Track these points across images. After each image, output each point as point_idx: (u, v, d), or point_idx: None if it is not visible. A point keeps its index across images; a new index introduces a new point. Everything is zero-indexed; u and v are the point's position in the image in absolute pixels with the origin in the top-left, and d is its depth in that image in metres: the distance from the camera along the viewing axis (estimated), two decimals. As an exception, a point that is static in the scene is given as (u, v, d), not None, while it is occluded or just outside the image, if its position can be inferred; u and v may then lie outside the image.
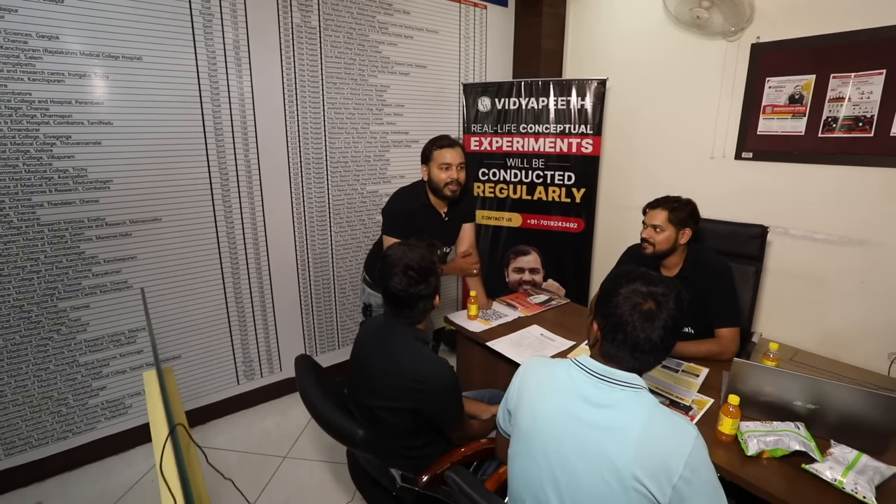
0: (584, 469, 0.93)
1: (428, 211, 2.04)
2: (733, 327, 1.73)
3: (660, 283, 0.98)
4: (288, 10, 2.34)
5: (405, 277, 1.28)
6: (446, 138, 2.02)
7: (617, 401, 0.96)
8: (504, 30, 3.26)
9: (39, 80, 1.79)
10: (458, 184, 1.99)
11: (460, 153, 2.00)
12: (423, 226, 1.98)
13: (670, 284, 0.98)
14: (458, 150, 2.00)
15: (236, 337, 2.51)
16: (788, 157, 2.36)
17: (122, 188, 2.03)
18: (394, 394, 1.28)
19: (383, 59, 2.72)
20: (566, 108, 2.82)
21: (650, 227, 1.80)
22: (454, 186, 1.98)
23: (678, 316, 0.96)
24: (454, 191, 1.99)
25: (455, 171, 1.97)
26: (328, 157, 2.64)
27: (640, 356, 0.97)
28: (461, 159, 1.99)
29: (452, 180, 1.97)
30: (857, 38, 2.08)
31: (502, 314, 2.16)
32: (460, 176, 1.99)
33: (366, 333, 1.44)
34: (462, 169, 2.00)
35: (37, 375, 2.00)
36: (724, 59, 2.52)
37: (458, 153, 1.99)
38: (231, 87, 2.24)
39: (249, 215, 2.42)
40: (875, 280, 2.18)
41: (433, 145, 2.01)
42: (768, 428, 1.24)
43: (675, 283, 1.00)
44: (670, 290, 0.96)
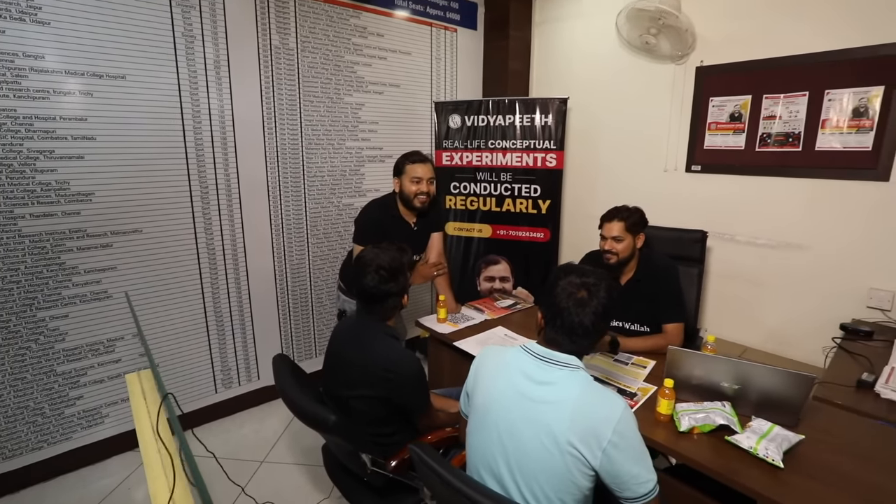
0: (528, 437, 1.06)
1: (398, 221, 2.18)
2: (678, 322, 1.90)
3: (591, 275, 1.13)
4: (267, 33, 2.48)
5: (377, 276, 1.41)
6: (418, 154, 2.18)
7: (556, 378, 1.09)
8: (474, 51, 3.46)
9: (25, 97, 1.87)
10: (427, 196, 2.14)
11: (430, 168, 2.16)
12: (392, 235, 2.09)
13: (600, 276, 1.13)
14: (429, 165, 2.16)
15: (214, 346, 2.57)
16: (732, 170, 2.57)
17: (104, 200, 2.11)
18: (365, 383, 1.39)
19: (358, 79, 2.87)
20: (531, 124, 3.01)
21: (610, 239, 1.94)
22: (423, 198, 2.14)
23: (608, 303, 1.10)
24: (423, 202, 2.14)
25: (425, 184, 2.13)
26: (305, 171, 2.76)
27: (576, 339, 1.11)
28: (431, 174, 2.16)
29: (422, 192, 2.13)
30: (783, 64, 2.32)
31: (470, 317, 2.29)
32: (430, 189, 2.15)
33: (340, 330, 1.55)
34: (431, 183, 2.16)
35: (13, 385, 2.03)
36: (673, 81, 2.75)
37: (429, 168, 2.15)
38: (211, 104, 2.35)
39: (228, 227, 2.51)
40: (810, 281, 2.38)
41: (406, 160, 2.16)
42: (699, 407, 1.39)
43: (605, 275, 1.15)
44: (600, 281, 1.11)
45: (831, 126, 2.22)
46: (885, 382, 1.57)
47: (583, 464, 1.01)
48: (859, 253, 2.23)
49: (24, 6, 1.83)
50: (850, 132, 2.17)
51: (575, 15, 3.18)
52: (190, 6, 2.22)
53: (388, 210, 2.18)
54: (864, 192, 2.18)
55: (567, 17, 3.23)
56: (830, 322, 2.28)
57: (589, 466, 1.01)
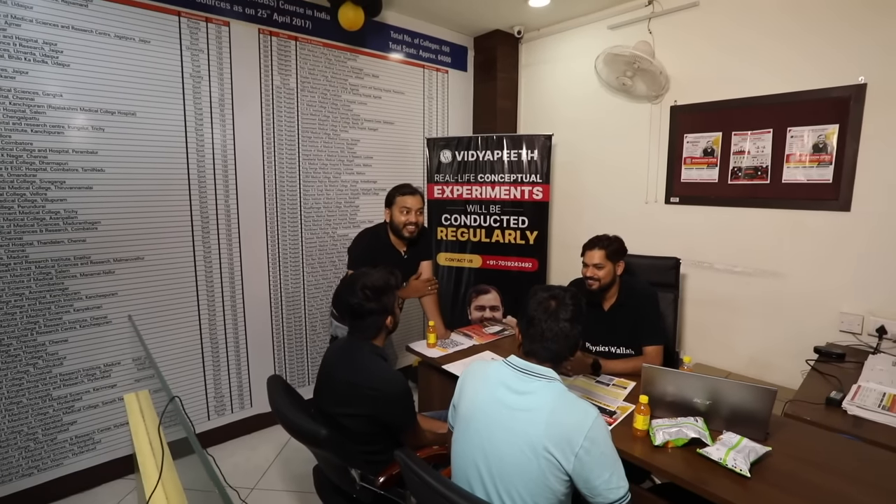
0: (506, 443, 1.13)
1: (388, 249, 2.29)
2: (658, 345, 1.98)
3: (558, 289, 1.25)
4: (269, 74, 2.66)
5: (361, 293, 1.50)
6: (408, 186, 2.31)
7: (533, 389, 1.17)
8: (464, 91, 3.67)
9: (41, 131, 2.01)
10: (415, 225, 2.26)
11: (419, 200, 2.29)
12: (383, 262, 2.19)
13: (566, 289, 1.26)
14: (418, 197, 2.29)
15: (209, 373, 2.61)
16: (707, 201, 2.72)
17: (109, 229, 2.21)
18: (353, 401, 1.45)
19: (354, 117, 3.04)
20: (518, 159, 3.17)
21: (591, 266, 2.05)
22: (412, 228, 2.26)
23: (575, 310, 1.21)
24: (412, 231, 2.26)
25: (414, 214, 2.25)
26: (302, 203, 2.88)
27: (550, 345, 1.20)
28: (420, 205, 2.28)
29: (411, 222, 2.25)
30: (748, 104, 2.51)
31: (459, 343, 2.36)
32: (418, 219, 2.27)
33: (331, 350, 1.63)
34: (420, 213, 2.29)
35: (8, 409, 2.06)
36: (650, 119, 2.94)
37: (418, 200, 2.28)
38: (215, 139, 2.49)
39: (227, 256, 2.60)
40: (786, 307, 2.48)
41: (396, 192, 2.29)
42: (672, 422, 1.46)
43: (570, 288, 1.28)
44: (566, 292, 1.23)
45: (795, 160, 2.38)
46: (851, 399, 1.65)
47: (557, 468, 1.08)
48: (829, 279, 2.34)
49: (47, 50, 1.99)
50: (811, 165, 2.33)
51: (558, 58, 3.41)
52: (199, 49, 2.39)
53: (380, 238, 2.30)
54: (828, 222, 2.32)
55: (551, 59, 3.46)
56: (807, 346, 2.35)
57: (563, 471, 1.08)
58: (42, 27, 1.98)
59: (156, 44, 2.27)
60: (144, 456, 1.21)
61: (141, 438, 1.35)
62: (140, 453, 1.29)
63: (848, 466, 1.31)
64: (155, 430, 1.30)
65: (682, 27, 2.74)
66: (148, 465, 1.22)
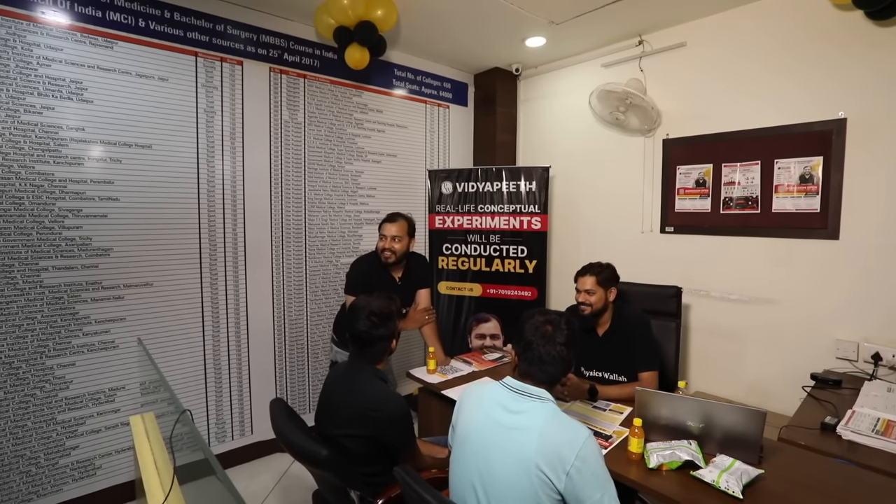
0: (500, 462, 1.16)
1: (382, 275, 2.34)
2: (653, 370, 2.01)
3: (552, 313, 1.30)
4: (279, 109, 2.80)
5: (368, 321, 1.55)
6: (392, 215, 2.34)
7: (527, 409, 1.21)
8: (465, 125, 3.82)
9: (62, 163, 2.12)
10: (392, 252, 2.27)
11: (398, 227, 2.29)
12: (377, 287, 2.17)
13: (560, 313, 1.31)
14: (397, 224, 2.29)
15: (211, 399, 2.64)
16: (701, 230, 2.79)
17: (121, 255, 2.29)
18: (353, 422, 1.48)
19: (358, 150, 3.17)
20: (517, 190, 3.28)
21: (583, 291, 2.11)
22: (388, 254, 2.27)
23: (570, 334, 1.26)
24: (388, 258, 2.28)
25: (389, 241, 2.27)
26: (307, 232, 2.97)
27: (546, 367, 1.24)
28: (397, 232, 2.28)
29: (387, 248, 2.27)
30: (737, 137, 2.62)
31: (458, 369, 2.39)
32: (393, 245, 2.27)
33: (332, 376, 1.67)
34: (397, 240, 2.28)
35: (13, 433, 2.09)
36: (644, 151, 3.05)
37: (396, 227, 2.28)
38: (225, 170, 2.60)
39: (233, 283, 2.67)
40: (782, 334, 2.51)
41: (382, 221, 2.35)
42: (666, 445, 1.48)
43: (564, 313, 1.33)
44: (561, 316, 1.28)
45: (783, 190, 2.46)
46: (845, 424, 1.66)
47: (549, 487, 1.11)
48: (823, 306, 2.38)
49: (73, 88, 2.13)
50: (799, 196, 2.41)
51: (555, 94, 3.56)
52: (213, 87, 2.54)
53: (374, 265, 2.34)
54: (818, 250, 2.37)
55: (548, 95, 3.61)
56: (805, 373, 2.36)
57: (555, 489, 1.10)
58: (70, 67, 2.13)
59: (174, 81, 2.41)
60: (150, 476, 1.24)
61: (146, 459, 1.38)
62: (146, 473, 1.32)
63: (840, 490, 1.32)
64: (160, 451, 1.33)
65: (671, 65, 2.88)
66: (153, 486, 1.25)
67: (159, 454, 1.47)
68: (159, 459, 1.40)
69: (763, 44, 2.53)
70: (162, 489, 1.20)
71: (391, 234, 2.29)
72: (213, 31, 2.52)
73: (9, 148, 2.01)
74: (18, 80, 2.02)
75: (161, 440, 1.67)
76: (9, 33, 2.00)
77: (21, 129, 2.04)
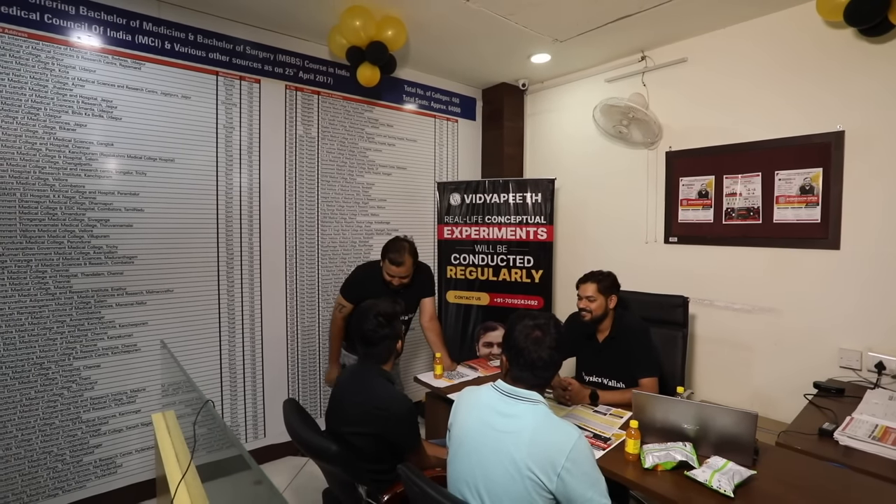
0: (493, 464, 1.22)
1: (382, 287, 2.38)
2: (653, 377, 2.05)
3: (541, 317, 1.35)
4: (294, 124, 2.93)
5: (375, 321, 1.64)
6: (397, 254, 2.31)
7: (518, 411, 1.27)
8: (473, 138, 3.93)
9: (93, 176, 2.27)
10: (401, 283, 2.36)
11: (405, 269, 2.32)
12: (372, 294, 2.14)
13: (548, 316, 1.36)
14: (403, 267, 2.31)
15: (226, 402, 2.73)
16: (704, 241, 2.84)
17: (145, 263, 2.42)
18: (360, 420, 1.56)
19: (370, 162, 3.29)
20: (523, 202, 3.36)
21: (584, 298, 2.18)
22: (397, 285, 2.37)
23: (559, 337, 1.31)
24: (396, 287, 2.38)
25: (397, 280, 2.35)
26: (320, 242, 3.08)
27: (538, 372, 1.30)
28: (404, 273, 2.34)
29: (394, 284, 2.36)
30: (737, 149, 2.67)
31: (464, 374, 2.46)
32: (402, 281, 2.36)
33: (343, 377, 1.75)
34: (405, 278, 2.35)
35: (42, 430, 2.20)
36: (647, 163, 3.11)
37: (402, 270, 2.32)
38: (242, 183, 2.73)
39: (248, 291, 2.78)
40: (786, 343, 2.54)
41: (386, 253, 2.35)
42: (662, 447, 1.53)
43: (551, 315, 1.38)
44: (549, 320, 1.34)
45: (784, 201, 2.50)
46: (843, 430, 1.69)
47: (541, 487, 1.16)
48: (826, 315, 2.40)
49: (104, 106, 2.28)
50: (800, 206, 2.45)
51: (561, 108, 3.66)
52: (232, 104, 2.68)
53: (374, 274, 2.41)
54: (820, 260, 2.41)
55: (554, 109, 3.71)
56: (808, 382, 2.38)
57: (546, 490, 1.16)
58: (102, 87, 2.28)
59: (195, 99, 2.56)
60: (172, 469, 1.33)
61: (168, 454, 1.47)
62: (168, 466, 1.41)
63: (833, 492, 1.36)
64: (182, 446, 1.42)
65: (673, 80, 2.96)
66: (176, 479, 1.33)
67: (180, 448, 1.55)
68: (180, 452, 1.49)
69: (761, 59, 2.59)
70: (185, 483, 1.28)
71: (399, 275, 2.33)
72: (233, 51, 2.68)
73: (45, 162, 2.16)
74: (56, 99, 2.18)
75: (182, 437, 1.77)
76: (48, 57, 2.16)
77: (56, 144, 2.19)
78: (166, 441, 1.53)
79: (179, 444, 1.47)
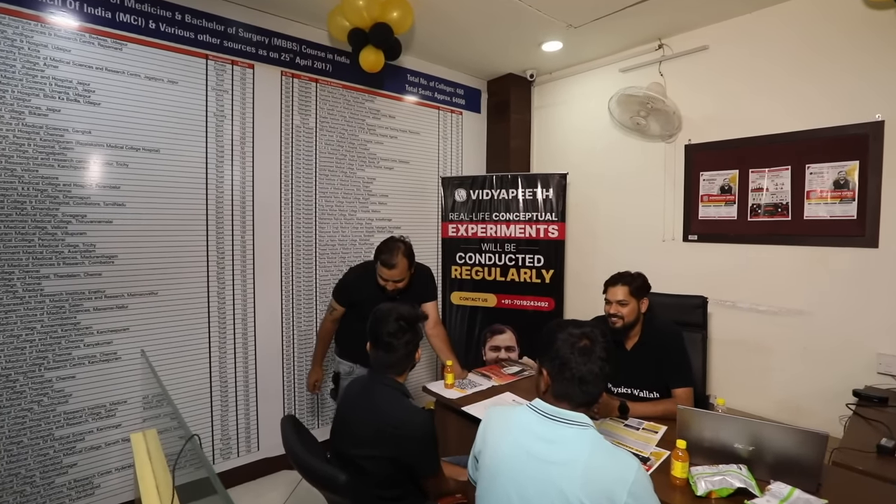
0: (537, 497, 1.04)
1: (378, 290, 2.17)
2: (688, 387, 1.88)
3: (586, 324, 1.18)
4: (290, 114, 2.73)
5: (396, 324, 1.45)
6: (389, 255, 2.10)
7: (565, 437, 1.09)
8: (478, 131, 3.74)
9: (68, 166, 2.04)
10: (395, 289, 2.15)
11: (399, 272, 2.11)
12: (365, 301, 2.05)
13: (594, 324, 1.18)
14: (397, 270, 2.10)
15: (217, 414, 2.52)
16: (727, 238, 2.68)
17: (126, 263, 2.20)
18: (373, 441, 1.37)
19: (370, 156, 3.09)
20: (533, 198, 3.18)
21: (615, 303, 1.99)
22: (392, 290, 2.15)
23: (607, 347, 1.14)
24: (392, 292, 2.16)
25: (391, 283, 2.13)
26: (318, 240, 2.88)
27: (586, 387, 1.12)
28: (398, 276, 2.13)
29: (388, 289, 2.14)
30: (763, 142, 2.52)
31: (477, 383, 2.27)
32: (397, 286, 2.15)
33: (351, 388, 1.56)
34: (398, 282, 2.14)
35: (7, 450, 1.98)
36: (665, 157, 2.95)
37: (396, 272, 2.11)
38: (234, 176, 2.52)
39: (241, 293, 2.57)
40: (816, 347, 2.38)
41: (378, 258, 2.14)
42: (714, 470, 1.35)
43: (598, 322, 1.20)
44: (595, 328, 1.16)
45: (816, 197, 2.35)
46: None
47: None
48: (861, 318, 2.25)
49: (80, 90, 2.06)
50: (834, 202, 2.30)
51: (571, 100, 3.49)
52: (223, 90, 2.47)
53: (369, 277, 2.20)
54: (856, 259, 2.26)
55: (563, 101, 3.54)
56: (843, 390, 2.24)
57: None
58: (77, 68, 2.06)
59: (183, 84, 2.34)
60: (150, 498, 1.13)
61: (147, 481, 1.27)
62: (146, 494, 1.21)
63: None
64: (163, 471, 1.22)
65: (692, 69, 2.80)
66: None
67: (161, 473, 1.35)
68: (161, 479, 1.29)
69: (790, 46, 2.44)
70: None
71: (393, 279, 2.13)
72: (225, 33, 2.46)
73: (12, 151, 1.94)
74: (24, 81, 1.95)
75: (163, 458, 1.56)
76: (16, 33, 1.94)
77: (26, 131, 1.96)
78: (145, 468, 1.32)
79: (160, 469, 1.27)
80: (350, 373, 2.37)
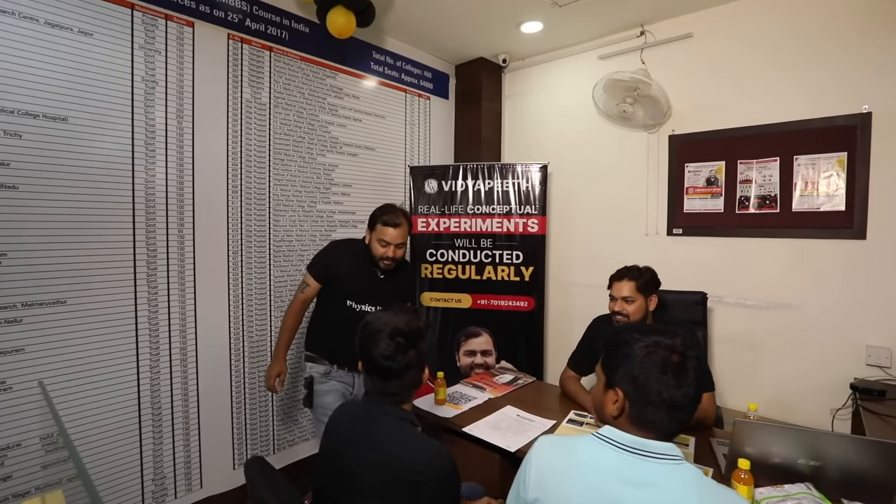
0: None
1: (364, 266, 2.06)
2: (709, 391, 1.73)
3: (668, 330, 0.94)
4: (238, 85, 2.29)
5: (392, 343, 1.13)
6: (393, 215, 2.00)
7: (657, 477, 0.85)
8: (446, 119, 3.46)
9: (-70, 135, 1.51)
10: (392, 260, 2.03)
11: (402, 233, 2.01)
12: (347, 277, 2.02)
13: (680, 332, 0.95)
14: (401, 230, 2.00)
15: (147, 448, 2.04)
16: (713, 232, 2.60)
17: (18, 264, 1.68)
18: (383, 489, 1.05)
19: (332, 139, 2.71)
20: (510, 189, 2.96)
21: (620, 299, 1.81)
22: (388, 262, 2.03)
23: (702, 359, 0.92)
24: (388, 265, 2.04)
25: (392, 249, 2.00)
26: (272, 235, 2.46)
27: (678, 414, 0.89)
28: (401, 239, 2.02)
29: (388, 257, 2.01)
30: (751, 133, 2.46)
31: (471, 397, 1.99)
32: (396, 254, 2.03)
33: (340, 420, 1.22)
34: (399, 248, 2.04)
35: None
36: (647, 148, 2.84)
37: (400, 233, 2.00)
38: (170, 157, 2.06)
39: (178, 300, 2.11)
40: (805, 340, 2.35)
41: (379, 217, 2.02)
42: (782, 493, 1.18)
43: (683, 329, 0.98)
44: (679, 336, 0.93)
45: (804, 188, 2.32)
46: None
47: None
48: (849, 310, 2.24)
49: (-53, 28, 1.53)
50: (823, 193, 2.27)
51: (546, 87, 3.30)
52: (155, 50, 2.00)
53: (354, 253, 2.08)
54: (844, 250, 2.24)
55: (538, 89, 3.35)
56: (832, 382, 2.23)
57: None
58: (-56, 1, 1.53)
59: (100, 38, 1.85)
60: None
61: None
62: None
63: None
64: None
65: (676, 57, 2.70)
66: None
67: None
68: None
69: (777, 35, 2.40)
70: None
71: (396, 242, 1.99)
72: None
73: None
74: None
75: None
76: None
77: None
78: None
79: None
80: (328, 373, 2.02)
